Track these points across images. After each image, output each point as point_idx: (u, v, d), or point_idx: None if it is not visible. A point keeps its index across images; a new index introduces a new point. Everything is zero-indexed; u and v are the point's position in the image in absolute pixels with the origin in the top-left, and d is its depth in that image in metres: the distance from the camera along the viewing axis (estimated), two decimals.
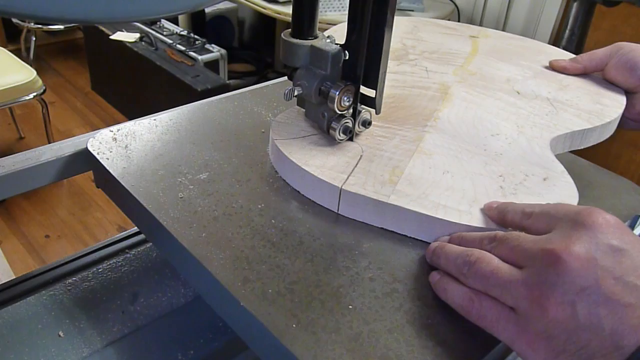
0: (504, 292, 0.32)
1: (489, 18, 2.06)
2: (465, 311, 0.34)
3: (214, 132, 0.53)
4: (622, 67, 0.56)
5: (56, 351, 0.47)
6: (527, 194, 0.43)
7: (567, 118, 0.53)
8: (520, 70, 0.63)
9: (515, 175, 0.45)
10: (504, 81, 0.60)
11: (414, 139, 0.48)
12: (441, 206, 0.41)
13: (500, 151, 0.48)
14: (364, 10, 0.42)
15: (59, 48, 3.22)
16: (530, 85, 0.60)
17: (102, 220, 1.94)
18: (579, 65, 0.60)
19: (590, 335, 0.28)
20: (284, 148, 0.46)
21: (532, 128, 0.52)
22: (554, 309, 0.29)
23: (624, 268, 0.29)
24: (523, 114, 0.54)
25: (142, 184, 0.45)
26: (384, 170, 0.44)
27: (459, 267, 0.35)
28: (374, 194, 0.41)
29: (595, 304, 0.29)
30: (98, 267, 0.56)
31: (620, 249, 0.30)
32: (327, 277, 0.37)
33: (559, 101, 0.56)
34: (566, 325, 0.29)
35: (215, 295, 0.38)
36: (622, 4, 1.39)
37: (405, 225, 0.41)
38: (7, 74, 1.88)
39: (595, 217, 0.31)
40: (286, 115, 0.51)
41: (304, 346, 0.32)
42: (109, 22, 0.27)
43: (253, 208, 0.43)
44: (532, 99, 0.57)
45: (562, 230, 0.32)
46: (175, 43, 2.28)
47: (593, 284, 0.29)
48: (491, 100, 0.56)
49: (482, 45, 0.70)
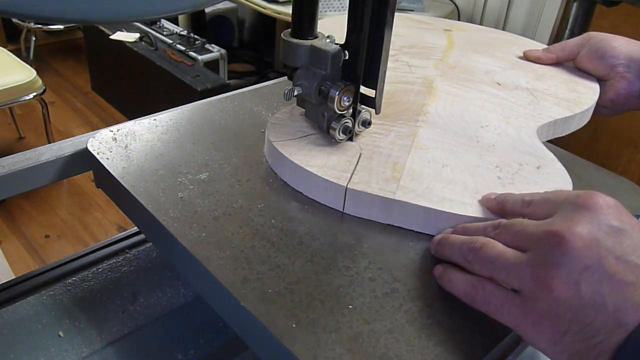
0: (510, 275, 0.32)
1: (489, 18, 2.06)
2: (470, 298, 0.34)
3: (214, 132, 0.53)
4: (592, 56, 0.59)
5: (56, 351, 0.47)
6: (524, 183, 0.44)
7: (548, 107, 0.55)
8: (496, 61, 0.65)
9: (510, 165, 0.46)
10: (484, 73, 0.62)
11: (408, 134, 0.49)
12: (446, 199, 0.41)
13: (492, 142, 0.49)
14: (364, 10, 0.42)
15: (59, 48, 3.22)
16: (509, 76, 0.61)
17: (102, 220, 1.94)
18: (551, 55, 0.62)
19: (594, 313, 0.29)
20: (284, 150, 0.46)
21: (518, 118, 0.53)
22: (559, 287, 0.30)
23: (624, 248, 0.30)
24: (507, 105, 0.55)
25: (142, 184, 0.45)
26: (385, 167, 0.44)
27: (464, 254, 0.35)
28: (380, 191, 0.42)
29: (599, 283, 0.29)
30: (98, 267, 0.56)
31: (621, 229, 0.31)
32: (327, 277, 0.37)
33: (538, 91, 0.58)
34: (571, 303, 0.30)
35: (215, 295, 0.38)
36: (622, 4, 1.39)
37: (412, 220, 0.42)
38: (7, 74, 1.88)
39: (596, 199, 0.32)
40: (280, 117, 0.51)
41: (304, 346, 0.32)
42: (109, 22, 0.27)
43: (253, 208, 0.43)
44: (512, 89, 0.59)
45: (564, 213, 0.33)
46: (175, 43, 2.28)
47: (596, 262, 0.30)
48: (474, 93, 0.57)
49: (457, 38, 0.71)
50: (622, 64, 0.56)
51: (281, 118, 0.51)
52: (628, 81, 0.56)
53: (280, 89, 0.63)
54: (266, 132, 0.49)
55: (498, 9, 2.02)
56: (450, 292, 0.36)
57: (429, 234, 0.41)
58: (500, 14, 2.01)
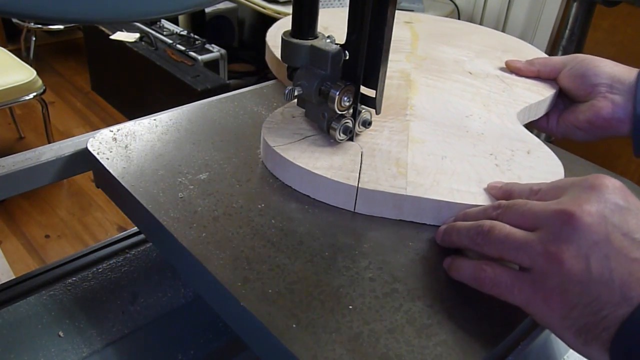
0: (520, 253, 0.33)
1: (489, 18, 2.06)
2: (479, 282, 0.35)
3: (214, 132, 0.53)
4: (574, 74, 0.57)
5: (56, 351, 0.47)
6: (521, 168, 0.45)
7: (521, 92, 0.57)
8: (461, 51, 0.66)
9: (503, 152, 0.47)
10: (453, 63, 0.63)
11: (401, 129, 0.50)
12: (455, 191, 0.42)
13: (480, 131, 0.50)
14: (364, 10, 0.42)
15: (59, 48, 3.22)
16: (477, 64, 0.63)
17: (102, 220, 1.94)
18: (533, 68, 0.61)
19: (601, 288, 0.30)
20: (286, 154, 0.45)
21: (497, 105, 0.55)
22: (570, 261, 0.31)
23: (630, 225, 0.32)
24: (484, 93, 0.57)
25: (142, 184, 0.45)
26: (389, 164, 0.45)
27: (472, 238, 0.37)
28: (391, 188, 0.42)
29: (607, 258, 0.31)
30: (98, 267, 0.56)
31: (627, 208, 0.32)
32: (327, 277, 0.37)
33: (508, 77, 0.60)
34: (580, 278, 0.31)
35: (215, 295, 0.38)
36: (622, 4, 1.39)
37: (424, 214, 0.42)
38: (7, 74, 1.88)
39: (602, 180, 0.34)
40: (272, 120, 0.50)
41: (304, 346, 0.32)
42: (109, 22, 0.27)
43: (253, 208, 0.43)
44: (484, 77, 0.60)
45: (572, 194, 0.34)
46: (175, 43, 2.28)
47: (604, 238, 0.31)
48: (450, 83, 0.58)
49: (419, 30, 0.72)
50: (605, 84, 0.54)
51: (274, 122, 0.50)
52: (611, 102, 0.53)
53: (280, 89, 0.63)
54: (263, 137, 0.48)
55: (498, 9, 2.02)
56: (458, 279, 0.37)
57: (438, 225, 0.42)
58: (500, 14, 2.01)
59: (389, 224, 0.43)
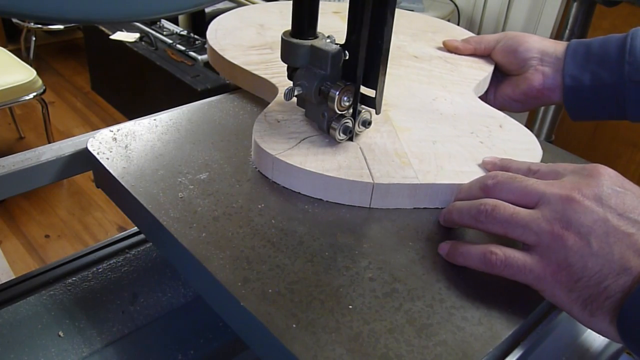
0: (526, 231, 0.36)
1: (489, 18, 2.06)
2: (490, 265, 0.37)
3: (214, 132, 0.53)
4: (506, 50, 0.61)
5: (56, 351, 0.47)
6: (502, 142, 0.48)
7: (467, 71, 0.59)
8: (397, 36, 0.67)
9: (480, 129, 0.49)
10: (396, 49, 0.63)
11: (384, 120, 0.51)
12: (459, 172, 0.44)
13: (451, 112, 0.52)
14: (364, 10, 0.42)
15: (59, 48, 3.22)
16: (417, 48, 0.64)
17: (102, 220, 1.94)
18: (469, 46, 0.65)
19: (602, 261, 0.33)
20: (293, 160, 0.44)
21: (454, 85, 0.56)
22: (572, 238, 0.34)
23: (626, 207, 0.35)
24: (436, 75, 0.58)
25: (142, 184, 0.45)
26: (390, 156, 0.46)
27: (474, 216, 0.38)
28: (404, 179, 0.43)
29: (606, 234, 0.34)
30: (98, 267, 0.56)
31: (622, 192, 0.36)
32: (327, 277, 0.37)
33: (450, 57, 0.62)
34: (582, 252, 0.34)
35: (215, 295, 0.38)
36: (622, 4, 1.39)
37: (436, 199, 0.44)
38: (7, 74, 1.88)
39: (599, 169, 0.37)
40: (259, 128, 0.48)
41: (304, 346, 0.32)
42: (109, 22, 0.27)
43: (253, 208, 0.43)
44: (429, 60, 0.61)
45: (572, 178, 0.37)
46: (175, 43, 2.28)
47: (602, 218, 0.34)
48: (403, 69, 0.59)
49: None
50: (536, 58, 0.58)
51: (262, 129, 0.48)
52: (542, 73, 0.58)
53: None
54: (259, 146, 0.46)
55: (498, 9, 2.02)
56: (464, 265, 0.38)
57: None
58: (500, 14, 2.01)
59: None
